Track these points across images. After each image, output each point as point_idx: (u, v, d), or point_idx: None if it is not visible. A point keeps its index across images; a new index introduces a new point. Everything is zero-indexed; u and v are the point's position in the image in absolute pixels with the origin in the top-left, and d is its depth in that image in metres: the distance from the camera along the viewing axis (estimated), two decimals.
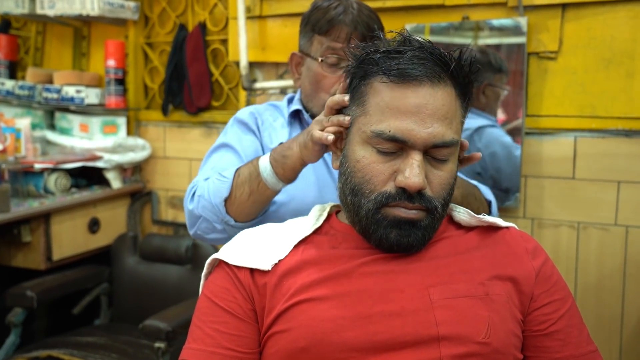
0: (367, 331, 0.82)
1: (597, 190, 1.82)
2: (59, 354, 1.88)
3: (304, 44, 1.31)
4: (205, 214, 1.15)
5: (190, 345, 0.90)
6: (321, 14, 1.26)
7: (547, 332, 0.89)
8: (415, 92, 0.84)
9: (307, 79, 1.30)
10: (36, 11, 2.38)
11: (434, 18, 1.93)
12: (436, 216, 0.88)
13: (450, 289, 0.86)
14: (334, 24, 1.24)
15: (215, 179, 1.14)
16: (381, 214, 0.86)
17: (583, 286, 1.85)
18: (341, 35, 1.23)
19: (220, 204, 1.11)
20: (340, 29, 1.23)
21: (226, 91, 2.36)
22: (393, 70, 0.85)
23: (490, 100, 1.87)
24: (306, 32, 1.30)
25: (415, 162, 0.84)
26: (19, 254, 2.14)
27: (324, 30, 1.25)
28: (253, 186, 1.09)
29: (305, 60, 1.30)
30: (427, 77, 0.84)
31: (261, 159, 1.09)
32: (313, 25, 1.27)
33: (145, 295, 2.27)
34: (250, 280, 0.91)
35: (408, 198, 0.85)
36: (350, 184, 0.89)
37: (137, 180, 2.50)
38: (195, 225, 1.18)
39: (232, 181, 1.11)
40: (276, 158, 1.06)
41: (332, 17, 1.24)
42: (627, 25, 1.75)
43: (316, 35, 1.27)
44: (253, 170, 1.09)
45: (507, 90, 1.85)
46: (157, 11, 2.45)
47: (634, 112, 1.76)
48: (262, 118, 1.32)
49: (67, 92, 2.38)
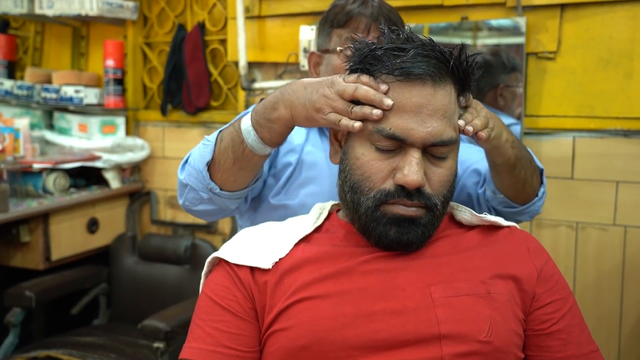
0: (368, 329, 0.82)
1: (595, 190, 1.82)
2: (58, 354, 1.88)
3: (322, 42, 1.29)
4: (191, 182, 1.07)
5: (191, 344, 0.90)
6: (339, 9, 1.25)
7: (548, 331, 0.89)
8: (417, 91, 0.84)
9: (326, 74, 1.25)
10: (35, 11, 2.38)
11: (433, 18, 1.93)
12: (436, 213, 0.88)
13: (452, 287, 0.86)
14: (352, 16, 1.22)
15: (200, 144, 1.06)
16: (380, 212, 0.86)
17: (582, 286, 1.86)
18: (360, 26, 1.22)
19: (204, 169, 1.03)
20: (359, 20, 1.22)
21: (225, 91, 2.36)
22: (397, 69, 0.85)
23: (508, 101, 1.86)
24: (324, 30, 1.28)
25: (414, 160, 0.84)
26: (17, 254, 2.13)
27: (342, 23, 1.23)
28: (237, 152, 0.99)
29: (324, 57, 1.27)
30: (429, 75, 0.84)
31: (242, 121, 0.98)
32: (332, 21, 1.26)
33: (144, 295, 2.26)
34: (251, 278, 0.90)
35: (407, 195, 0.85)
36: (349, 181, 0.89)
37: (136, 180, 2.50)
38: (182, 196, 1.12)
39: (214, 145, 1.02)
40: (260, 122, 0.96)
41: (350, 9, 1.23)
42: (625, 26, 1.75)
43: (335, 29, 1.25)
44: (235, 136, 0.98)
45: (522, 88, 1.84)
46: (156, 11, 2.45)
47: (633, 112, 1.76)
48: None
49: (65, 92, 2.38)
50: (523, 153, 1.05)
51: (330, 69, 1.24)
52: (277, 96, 0.94)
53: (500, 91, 1.86)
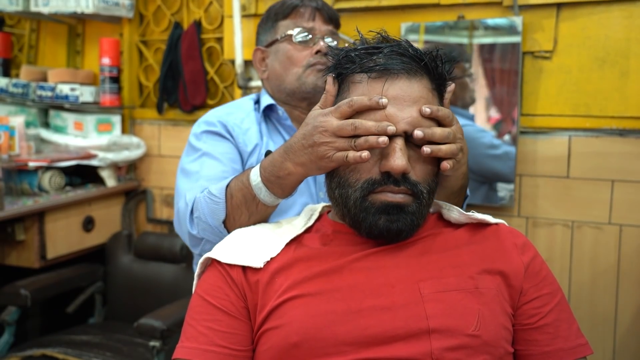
0: (358, 325, 0.83)
1: (591, 189, 1.82)
2: (53, 353, 1.88)
3: (265, 37, 1.34)
4: (206, 236, 1.12)
5: (184, 343, 0.90)
6: (280, 4, 1.31)
7: (536, 325, 0.90)
8: (392, 84, 0.88)
9: (276, 62, 1.31)
10: (30, 8, 2.37)
11: (429, 17, 1.93)
12: (423, 202, 0.89)
13: (441, 283, 0.87)
14: (295, 6, 1.29)
15: (206, 198, 1.09)
16: (368, 202, 0.88)
17: (577, 285, 1.86)
18: (305, 14, 1.28)
19: (220, 226, 1.08)
20: (304, 9, 1.28)
21: (221, 89, 2.36)
22: (371, 66, 0.88)
23: (457, 93, 1.87)
24: (267, 26, 1.34)
25: (397, 146, 0.86)
26: (12, 253, 2.13)
27: (286, 14, 1.29)
28: (252, 208, 1.03)
29: (271, 49, 1.32)
30: (404, 70, 0.88)
31: (252, 179, 1.01)
32: (275, 15, 1.31)
33: (140, 294, 2.26)
34: (243, 277, 0.91)
35: (393, 182, 0.87)
36: (337, 177, 0.91)
37: (131, 179, 2.49)
38: (199, 246, 1.17)
39: (225, 202, 1.06)
40: (270, 179, 0.98)
41: (292, 2, 1.30)
42: (621, 25, 1.75)
43: (279, 22, 1.31)
44: (247, 193, 1.02)
45: (472, 76, 1.85)
46: (152, 9, 2.44)
47: (628, 112, 1.76)
48: (230, 124, 1.29)
49: (61, 90, 2.37)
50: (465, 182, 1.08)
51: (281, 55, 1.30)
52: (282, 155, 0.96)
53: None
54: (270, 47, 1.32)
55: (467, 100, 1.88)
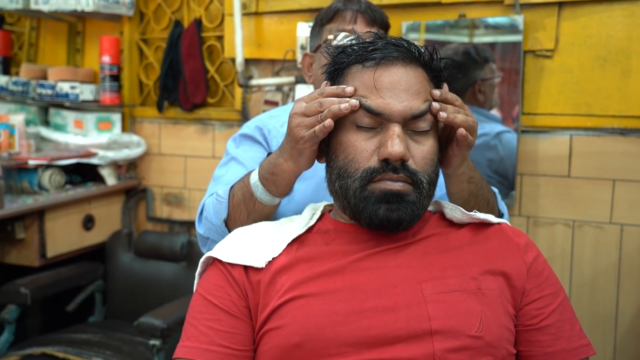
0: (360, 326, 0.83)
1: (592, 189, 1.82)
2: (53, 352, 1.87)
3: (314, 42, 1.34)
4: (211, 235, 1.14)
5: (185, 343, 0.90)
6: (326, 8, 1.32)
7: (539, 326, 0.90)
8: (388, 71, 0.88)
9: (318, 67, 1.29)
10: (30, 6, 2.36)
11: (430, 16, 1.92)
12: (422, 192, 0.89)
13: (443, 283, 0.86)
14: (338, 10, 1.29)
15: (214, 199, 1.12)
16: (368, 191, 0.88)
17: (578, 284, 1.86)
18: (347, 17, 1.28)
19: (222, 225, 1.10)
20: (345, 12, 1.28)
21: (222, 88, 2.36)
22: (367, 57, 0.89)
23: (487, 94, 1.87)
24: (315, 31, 1.34)
25: (395, 133, 0.86)
26: (12, 251, 2.13)
27: (330, 18, 1.29)
28: (249, 207, 1.05)
29: (316, 54, 1.32)
30: (400, 58, 0.89)
31: (251, 177, 1.04)
32: (321, 20, 1.32)
33: (140, 293, 2.26)
34: (244, 277, 0.91)
35: (392, 169, 0.86)
36: (336, 169, 0.91)
37: (132, 177, 2.49)
38: (206, 246, 1.19)
39: (227, 202, 1.08)
40: (265, 176, 1.01)
41: (336, 5, 1.30)
42: (622, 24, 1.75)
43: (324, 26, 1.31)
44: (246, 191, 1.05)
45: (499, 76, 1.85)
46: (153, 7, 2.44)
47: (630, 111, 1.76)
48: (268, 127, 1.30)
49: (61, 88, 2.37)
50: (481, 192, 1.07)
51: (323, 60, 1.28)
52: (276, 152, 1.00)
53: (478, 87, 1.87)
54: (316, 53, 1.32)
55: (492, 103, 1.88)
